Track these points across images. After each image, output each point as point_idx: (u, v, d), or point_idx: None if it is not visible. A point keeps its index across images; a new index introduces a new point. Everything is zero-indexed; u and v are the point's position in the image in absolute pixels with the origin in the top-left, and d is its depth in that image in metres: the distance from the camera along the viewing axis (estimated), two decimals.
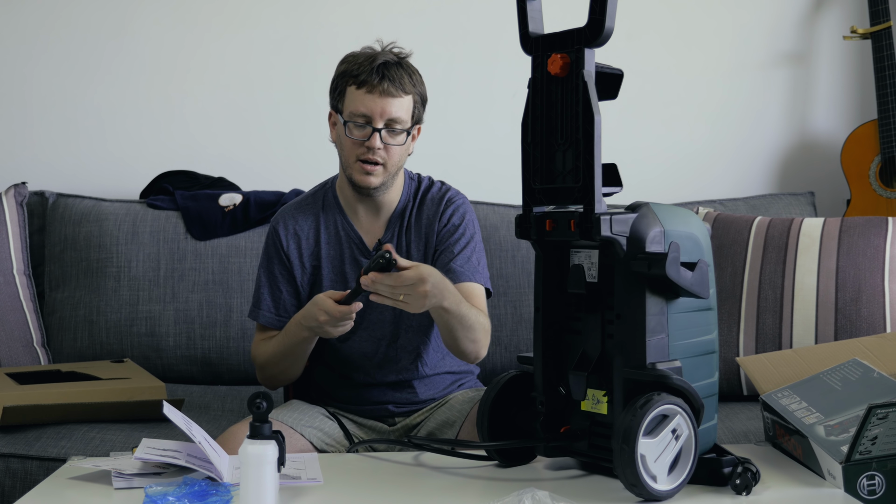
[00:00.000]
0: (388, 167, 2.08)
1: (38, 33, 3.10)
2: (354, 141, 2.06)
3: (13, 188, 2.82)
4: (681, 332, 1.57)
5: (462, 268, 2.12)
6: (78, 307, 2.76)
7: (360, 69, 2.05)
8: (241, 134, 3.15)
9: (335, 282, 2.16)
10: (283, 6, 3.14)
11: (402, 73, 2.06)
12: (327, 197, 2.20)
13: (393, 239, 2.15)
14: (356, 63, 2.07)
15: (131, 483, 1.59)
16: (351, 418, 2.18)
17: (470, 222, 2.18)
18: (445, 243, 2.14)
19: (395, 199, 2.16)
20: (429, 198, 2.18)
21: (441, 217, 2.16)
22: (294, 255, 2.17)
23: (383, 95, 2.04)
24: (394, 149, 2.07)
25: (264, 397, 1.47)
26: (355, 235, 2.16)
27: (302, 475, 1.65)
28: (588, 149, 1.52)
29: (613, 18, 1.51)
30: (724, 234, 2.66)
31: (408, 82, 2.06)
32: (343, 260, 2.16)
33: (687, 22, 3.25)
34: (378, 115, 2.04)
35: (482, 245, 2.21)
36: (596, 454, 1.61)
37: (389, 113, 2.05)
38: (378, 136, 2.05)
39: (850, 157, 3.09)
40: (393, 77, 2.04)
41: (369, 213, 2.16)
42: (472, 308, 2.03)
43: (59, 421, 2.27)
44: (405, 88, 2.06)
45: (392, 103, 2.04)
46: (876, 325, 2.46)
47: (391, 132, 2.06)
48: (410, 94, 2.07)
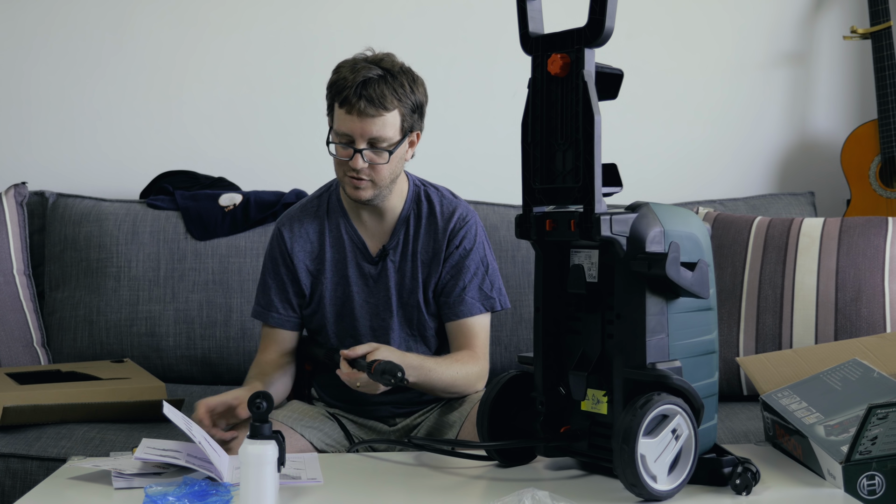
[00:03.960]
0: (377, 182, 2.05)
1: (37, 33, 3.10)
2: (340, 159, 2.05)
3: (13, 188, 2.82)
4: (681, 332, 1.57)
5: (472, 299, 2.13)
6: (78, 307, 2.76)
7: (343, 85, 2.01)
8: (241, 134, 3.15)
9: (338, 285, 2.15)
10: (282, 6, 3.14)
11: (385, 90, 2.00)
12: (331, 200, 2.19)
13: (399, 246, 2.14)
14: (341, 77, 2.02)
15: (131, 483, 1.59)
16: (351, 419, 2.18)
17: (480, 243, 2.16)
18: (456, 268, 2.14)
19: (398, 204, 2.15)
20: (438, 213, 2.16)
21: (452, 238, 2.14)
22: (298, 259, 2.16)
23: (362, 116, 1.99)
24: (380, 167, 2.03)
25: (264, 397, 1.47)
26: (359, 240, 2.16)
27: (302, 475, 1.65)
28: (588, 149, 1.52)
29: (613, 18, 1.51)
30: (724, 234, 2.66)
31: (391, 98, 2.00)
32: (346, 264, 2.15)
33: (687, 22, 3.25)
34: (359, 135, 2.00)
35: (493, 258, 2.19)
36: (596, 454, 1.61)
37: (370, 133, 2.00)
38: (360, 157, 2.01)
39: (850, 157, 3.09)
40: (372, 97, 1.98)
41: (373, 218, 2.15)
42: (449, 368, 2.06)
43: (59, 421, 2.27)
44: (386, 106, 1.99)
45: (373, 123, 2.00)
46: (876, 325, 2.46)
47: (375, 151, 2.02)
48: (395, 109, 2.01)
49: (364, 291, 2.15)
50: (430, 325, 2.16)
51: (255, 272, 2.76)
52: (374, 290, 2.14)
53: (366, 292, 2.15)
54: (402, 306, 2.14)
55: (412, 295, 2.13)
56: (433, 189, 2.20)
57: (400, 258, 2.14)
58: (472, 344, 2.13)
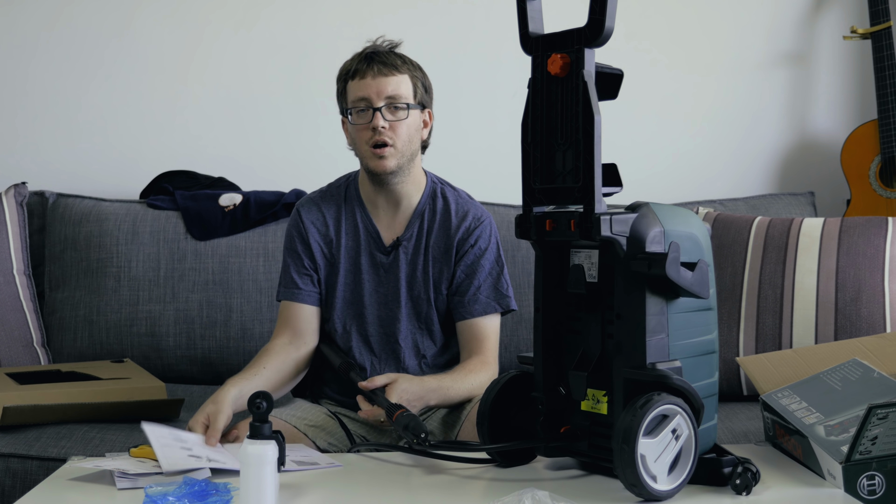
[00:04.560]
0: (398, 146, 2.10)
1: (38, 33, 3.10)
2: (360, 127, 2.11)
3: (13, 188, 2.82)
4: (681, 332, 1.57)
5: (487, 298, 2.15)
6: (78, 307, 2.76)
7: (351, 65, 2.14)
8: (242, 134, 3.15)
9: (350, 272, 2.18)
10: (282, 6, 3.14)
11: (394, 57, 2.12)
12: (350, 189, 2.23)
13: (412, 238, 2.17)
14: (349, 62, 2.15)
15: (136, 483, 1.59)
16: (353, 417, 2.18)
17: (495, 243, 2.20)
18: (472, 268, 2.16)
19: (414, 194, 2.18)
20: (452, 210, 2.19)
21: (467, 237, 2.17)
22: (314, 241, 2.20)
23: (376, 76, 2.09)
24: (399, 126, 2.10)
25: (264, 397, 1.47)
26: (373, 230, 2.18)
27: (321, 461, 1.70)
28: (588, 149, 1.52)
29: (613, 18, 1.51)
30: (724, 234, 2.66)
31: (400, 63, 2.11)
32: (359, 252, 2.18)
33: (687, 22, 3.25)
34: (375, 94, 2.09)
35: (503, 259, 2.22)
36: (596, 454, 1.61)
37: (385, 91, 2.09)
38: (380, 115, 2.08)
39: (850, 157, 3.09)
40: (383, 60, 2.10)
41: (389, 208, 2.18)
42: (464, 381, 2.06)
43: (59, 421, 2.27)
44: (398, 68, 2.11)
45: (387, 81, 2.09)
46: (876, 325, 2.46)
47: (392, 109, 2.09)
48: (406, 73, 2.12)
49: (374, 280, 2.17)
50: (436, 320, 2.18)
51: (255, 272, 2.76)
52: (385, 280, 2.17)
53: (376, 281, 2.17)
54: (412, 298, 2.16)
55: (422, 288, 2.16)
56: (450, 188, 2.24)
57: (413, 251, 2.17)
58: (483, 347, 2.14)
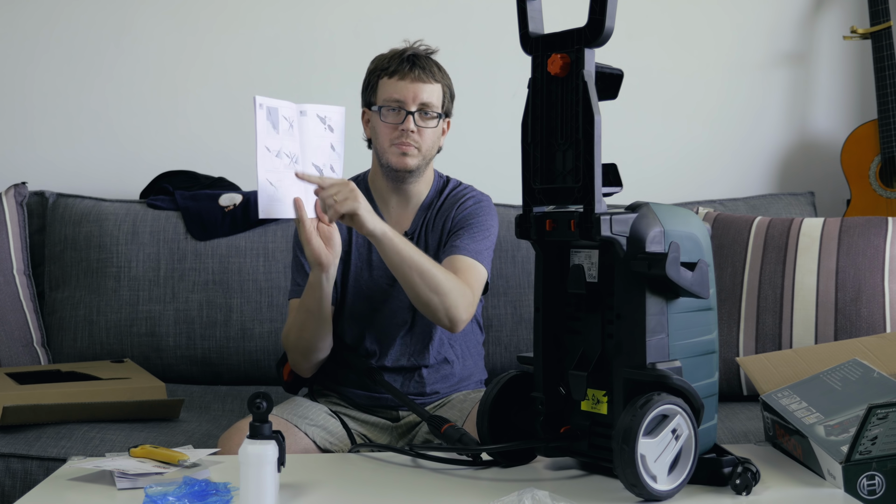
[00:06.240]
0: (422, 150, 2.14)
1: (38, 33, 3.10)
2: (388, 125, 2.13)
3: (13, 188, 2.82)
4: (681, 332, 1.57)
5: (465, 245, 2.15)
6: (78, 307, 2.76)
7: (390, 62, 2.16)
8: (242, 134, 3.15)
9: (361, 268, 2.19)
10: (283, 6, 3.14)
11: (432, 64, 2.17)
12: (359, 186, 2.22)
13: (417, 230, 2.20)
14: (386, 59, 2.18)
15: (136, 483, 1.59)
16: (353, 416, 2.18)
17: (487, 216, 2.22)
18: (457, 229, 2.19)
19: (424, 191, 2.23)
20: (452, 195, 2.24)
21: (459, 207, 2.21)
22: None
23: (415, 81, 2.13)
24: (427, 133, 2.14)
25: (264, 397, 1.47)
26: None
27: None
28: (588, 149, 1.52)
29: (613, 18, 1.51)
30: (724, 234, 2.66)
31: (437, 72, 2.17)
32: (370, 247, 2.19)
33: (687, 22, 3.25)
34: (410, 99, 2.12)
35: (494, 241, 2.23)
36: (596, 454, 1.61)
37: (421, 97, 2.13)
38: (412, 119, 2.12)
39: (850, 157, 3.09)
40: (424, 66, 2.15)
41: (400, 203, 2.22)
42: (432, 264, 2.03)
43: (59, 421, 2.27)
44: (435, 76, 2.16)
45: (424, 88, 2.13)
46: (876, 325, 2.46)
47: (424, 116, 2.14)
48: (440, 82, 2.17)
49: (387, 276, 2.16)
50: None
51: (255, 272, 2.76)
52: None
53: (389, 276, 2.16)
54: None
55: None
56: (456, 181, 2.28)
57: (418, 241, 2.20)
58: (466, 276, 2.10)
